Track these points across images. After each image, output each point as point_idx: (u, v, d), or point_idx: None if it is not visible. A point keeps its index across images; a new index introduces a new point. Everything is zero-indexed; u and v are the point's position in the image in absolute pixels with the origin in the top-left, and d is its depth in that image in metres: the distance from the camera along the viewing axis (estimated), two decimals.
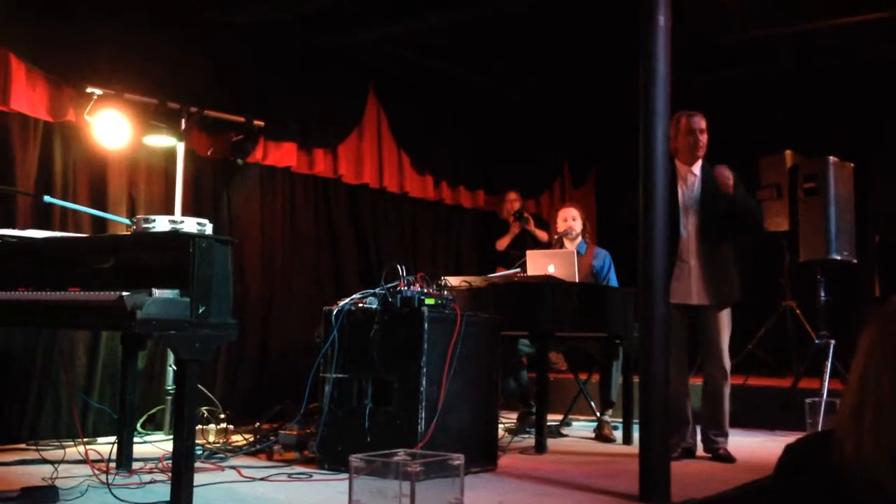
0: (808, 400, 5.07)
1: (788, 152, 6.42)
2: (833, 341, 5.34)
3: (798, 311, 6.41)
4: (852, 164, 5.94)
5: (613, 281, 5.82)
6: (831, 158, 5.74)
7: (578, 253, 5.73)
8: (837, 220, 5.67)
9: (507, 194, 7.19)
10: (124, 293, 2.77)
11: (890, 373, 1.44)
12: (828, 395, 4.96)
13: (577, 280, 5.29)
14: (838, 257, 5.66)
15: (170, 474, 3.02)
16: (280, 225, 6.27)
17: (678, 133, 4.58)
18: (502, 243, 6.99)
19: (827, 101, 7.33)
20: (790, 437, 1.63)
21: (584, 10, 6.13)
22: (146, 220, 3.09)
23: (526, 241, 6.62)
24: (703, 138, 4.61)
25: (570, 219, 5.86)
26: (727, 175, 4.47)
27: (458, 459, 3.02)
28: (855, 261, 5.85)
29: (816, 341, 5.57)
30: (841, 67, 7.17)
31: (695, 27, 5.96)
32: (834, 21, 6.31)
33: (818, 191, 5.71)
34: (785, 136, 6.93)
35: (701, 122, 4.61)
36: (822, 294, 5.76)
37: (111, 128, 4.95)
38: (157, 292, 2.84)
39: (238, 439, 4.80)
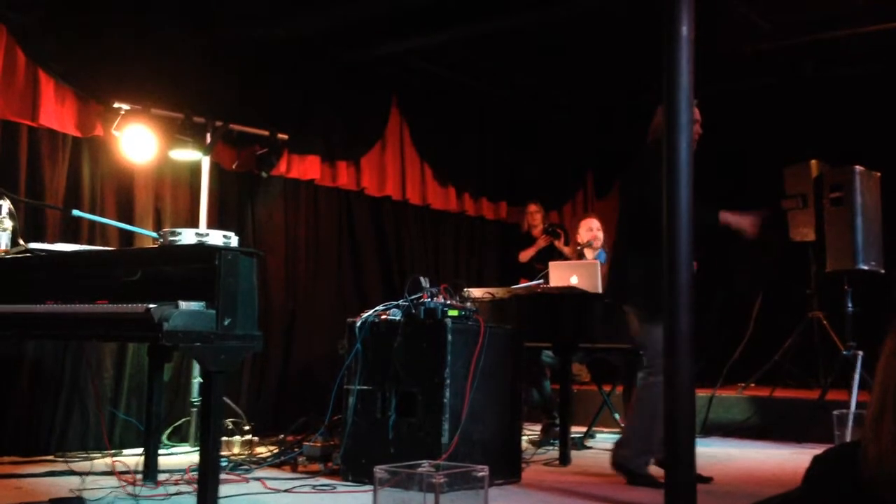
0: (836, 412, 4.98)
1: (814, 161, 6.35)
2: (861, 352, 5.28)
3: (825, 322, 6.32)
4: (879, 174, 5.87)
5: None
6: (858, 167, 5.68)
7: (598, 262, 5.72)
8: (864, 230, 5.60)
9: (528, 206, 7.19)
10: (151, 305, 2.80)
11: None
12: (856, 407, 4.89)
13: (600, 291, 5.27)
14: (865, 267, 5.59)
15: (195, 486, 3.04)
16: (303, 237, 6.32)
17: None
18: (526, 255, 6.98)
19: (853, 110, 7.26)
20: (818, 450, 1.62)
21: (609, 22, 6.14)
22: (173, 233, 3.12)
23: (551, 255, 6.60)
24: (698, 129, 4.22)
25: (595, 229, 5.90)
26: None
27: (483, 471, 3.01)
28: (883, 271, 5.77)
29: (844, 352, 5.50)
30: (866, 75, 7.11)
31: (719, 37, 5.94)
32: (859, 29, 6.27)
33: (844, 200, 5.64)
34: (810, 145, 6.87)
35: (697, 111, 4.15)
36: (850, 304, 5.68)
37: (138, 142, 5.02)
38: (183, 304, 2.86)
39: (263, 451, 4.82)
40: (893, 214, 6.04)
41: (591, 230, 5.94)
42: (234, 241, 3.14)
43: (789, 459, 4.98)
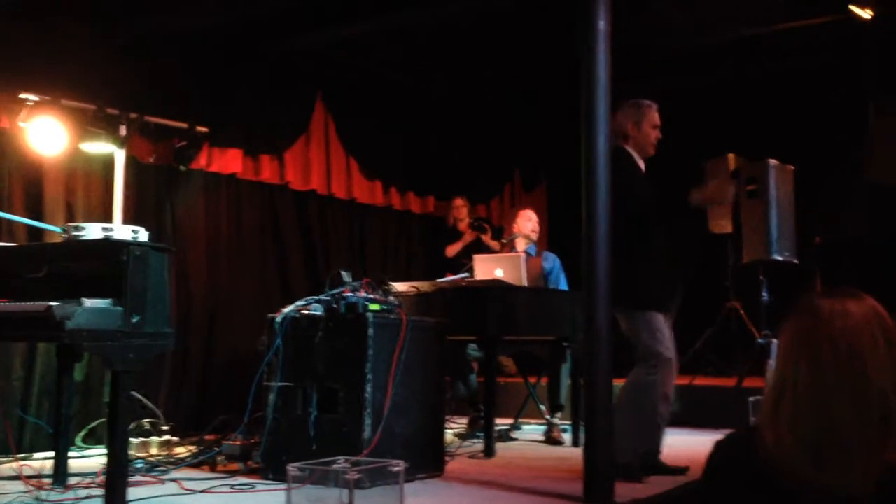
0: (751, 398, 5.14)
1: (731, 155, 6.49)
2: (775, 340, 5.44)
3: (742, 312, 6.50)
4: (793, 167, 6.05)
5: (563, 283, 5.87)
6: (771, 161, 5.84)
7: (528, 255, 5.77)
8: (779, 222, 5.77)
9: (454, 200, 7.18)
10: (53, 303, 2.69)
11: (805, 365, 1.47)
12: None
13: (525, 284, 5.31)
14: (780, 258, 5.76)
15: None
16: (225, 232, 6.18)
17: (643, 121, 4.19)
18: (452, 250, 6.96)
19: (770, 105, 7.47)
20: None
21: (535, 16, 6.16)
22: (77, 228, 3.01)
23: (478, 250, 6.59)
24: None
25: (535, 221, 5.97)
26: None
27: (398, 466, 2.99)
28: (796, 261, 5.95)
29: (759, 341, 5.67)
30: (782, 72, 7.32)
31: (638, 35, 6.03)
32: (775, 27, 6.44)
33: (759, 193, 5.80)
34: (729, 139, 7.02)
35: (658, 117, 4.28)
36: (765, 294, 5.86)
37: (47, 134, 4.82)
38: (87, 302, 2.76)
39: (182, 451, 4.70)
40: (807, 206, 6.24)
41: (531, 220, 5.99)
42: (142, 235, 3.04)
43: (706, 446, 5.08)
